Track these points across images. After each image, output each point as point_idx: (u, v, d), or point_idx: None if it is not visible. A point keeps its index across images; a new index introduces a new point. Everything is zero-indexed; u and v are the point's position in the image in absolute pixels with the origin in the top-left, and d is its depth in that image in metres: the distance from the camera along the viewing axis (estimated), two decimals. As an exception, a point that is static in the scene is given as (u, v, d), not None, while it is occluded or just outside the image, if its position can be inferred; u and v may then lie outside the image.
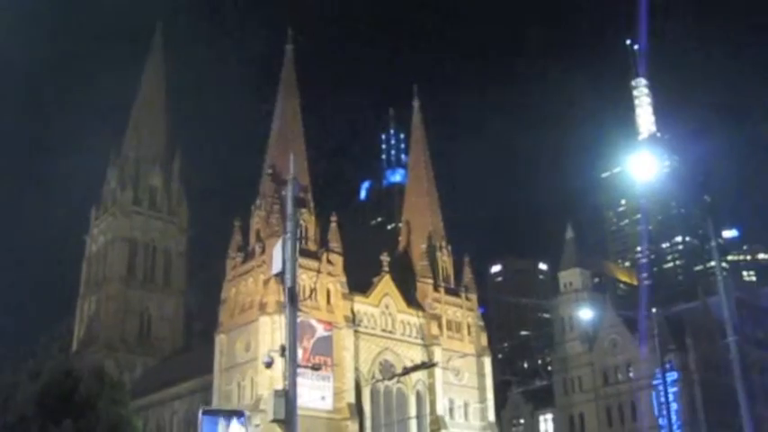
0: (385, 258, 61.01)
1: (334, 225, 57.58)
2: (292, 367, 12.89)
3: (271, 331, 50.07)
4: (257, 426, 36.26)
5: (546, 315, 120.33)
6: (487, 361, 64.04)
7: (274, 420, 12.60)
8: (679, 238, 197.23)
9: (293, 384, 12.87)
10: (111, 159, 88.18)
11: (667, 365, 55.82)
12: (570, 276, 75.33)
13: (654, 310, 52.53)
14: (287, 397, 12.55)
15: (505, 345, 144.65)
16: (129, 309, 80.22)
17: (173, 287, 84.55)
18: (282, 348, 13.08)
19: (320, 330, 52.24)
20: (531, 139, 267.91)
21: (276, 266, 13.60)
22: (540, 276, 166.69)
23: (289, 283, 13.13)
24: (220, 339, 56.76)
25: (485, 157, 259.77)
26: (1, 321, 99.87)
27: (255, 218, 58.70)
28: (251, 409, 44.75)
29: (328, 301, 54.97)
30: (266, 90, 65.03)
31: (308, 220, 55.83)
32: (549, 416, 73.76)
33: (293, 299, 13.35)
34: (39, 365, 50.63)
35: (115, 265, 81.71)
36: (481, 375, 63.06)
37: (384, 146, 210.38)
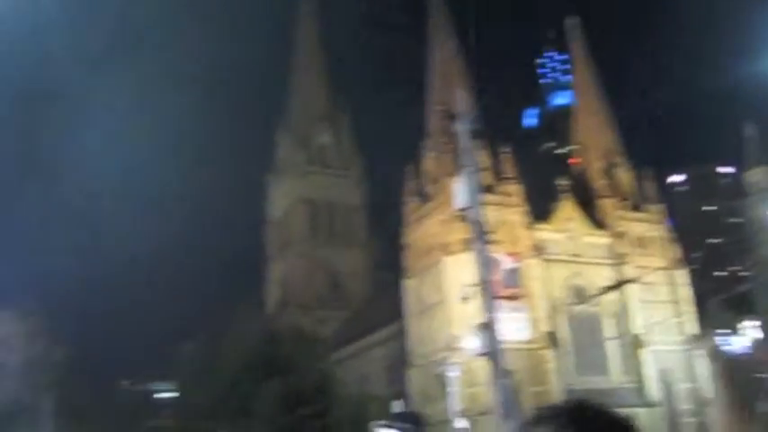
0: (563, 182, 59.81)
1: (507, 155, 56.88)
2: (489, 300, 12.81)
3: (457, 270, 50.26)
4: (456, 364, 36.65)
5: (736, 219, 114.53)
6: (682, 273, 61.71)
7: (480, 354, 12.60)
8: None
9: (493, 318, 12.78)
10: (278, 124, 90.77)
11: None
12: (757, 176, 71.30)
13: None
14: (489, 330, 12.52)
15: (697, 255, 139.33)
16: (316, 267, 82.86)
17: (355, 241, 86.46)
18: (475, 284, 13.02)
19: (507, 263, 51.69)
20: (693, 30, 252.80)
21: (459, 202, 13.51)
22: (724, 180, 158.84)
23: (475, 217, 13.02)
24: (408, 284, 57.67)
25: (651, 57, 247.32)
26: (197, 293, 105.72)
27: (427, 159, 58.83)
28: (445, 350, 45.36)
29: (512, 233, 54.43)
30: (420, 31, 64.39)
31: (482, 153, 55.42)
32: (754, 323, 70.51)
33: (481, 232, 13.23)
34: (239, 331, 53.12)
35: (298, 226, 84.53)
36: (676, 289, 60.93)
37: (545, 69, 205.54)
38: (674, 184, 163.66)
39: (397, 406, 35.28)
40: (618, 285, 47.87)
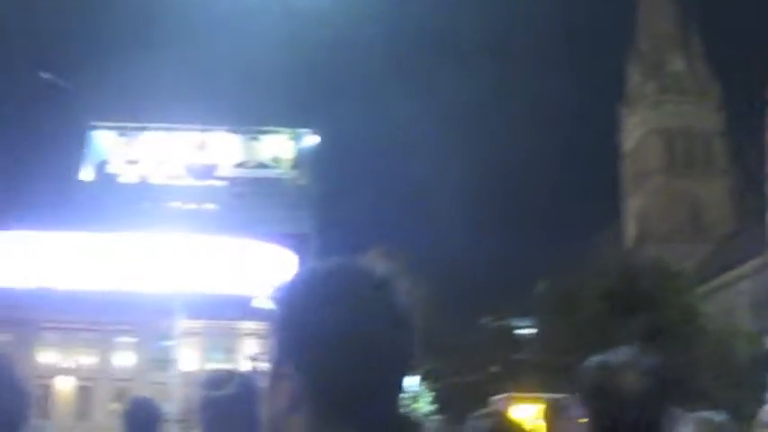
0: None
1: None
2: None
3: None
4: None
5: None
6: None
7: None
8: None
9: None
10: (627, 53, 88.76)
11: None
12: None
13: None
14: None
15: None
16: (674, 198, 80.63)
17: (715, 169, 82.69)
18: None
19: None
20: None
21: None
22: None
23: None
24: (776, 214, 54.49)
25: None
26: (551, 226, 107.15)
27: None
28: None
29: None
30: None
31: None
32: None
33: None
34: (599, 265, 53.43)
35: (653, 157, 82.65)
36: None
37: None
38: None
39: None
40: None
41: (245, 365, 42.35)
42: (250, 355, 44.60)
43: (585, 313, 48.21)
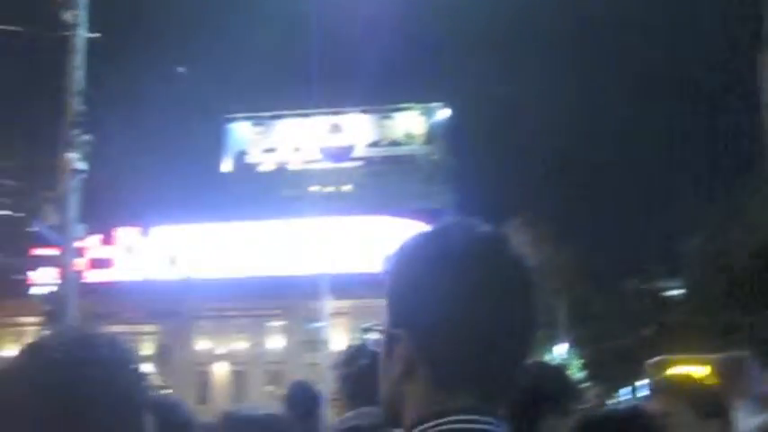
0: None
1: None
2: None
3: None
4: None
5: None
6: None
7: None
8: None
9: None
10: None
11: None
12: None
13: None
14: None
15: None
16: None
17: None
18: None
19: None
20: None
21: None
22: None
23: None
24: None
25: None
26: (695, 181, 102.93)
27: None
28: None
29: None
30: None
31: None
32: None
33: None
34: (747, 221, 50.73)
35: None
36: None
37: None
38: None
39: None
40: None
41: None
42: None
43: (737, 270, 46.28)
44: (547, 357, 48.61)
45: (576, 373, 49.83)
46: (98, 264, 58.79)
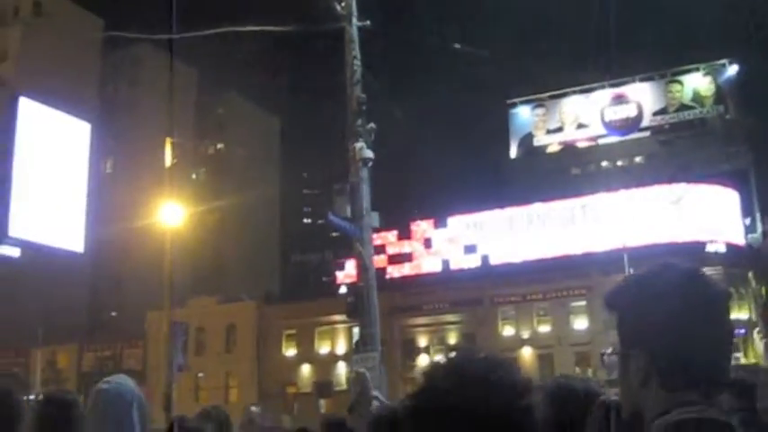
0: None
1: None
2: None
3: None
4: None
5: None
6: None
7: None
8: None
9: None
10: None
11: None
12: None
13: None
14: None
15: None
16: None
17: None
18: None
19: None
20: None
21: None
22: None
23: None
24: None
25: None
26: None
27: None
28: None
29: None
30: None
31: None
32: None
33: None
34: None
35: None
36: None
37: None
38: None
39: None
40: None
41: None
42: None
43: None
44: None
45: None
46: (397, 259, 61.15)
